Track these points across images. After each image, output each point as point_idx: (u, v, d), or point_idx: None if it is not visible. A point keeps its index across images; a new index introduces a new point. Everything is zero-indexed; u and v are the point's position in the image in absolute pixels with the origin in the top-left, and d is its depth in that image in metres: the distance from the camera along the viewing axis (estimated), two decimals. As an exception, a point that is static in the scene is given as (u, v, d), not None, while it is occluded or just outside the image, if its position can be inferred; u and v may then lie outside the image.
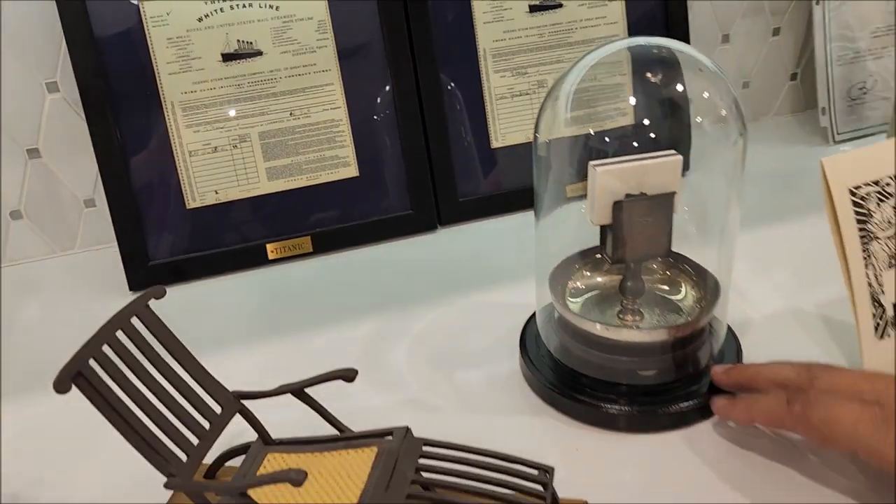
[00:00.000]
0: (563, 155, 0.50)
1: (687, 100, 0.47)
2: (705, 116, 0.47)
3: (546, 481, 0.36)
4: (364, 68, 0.69)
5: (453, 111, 0.72)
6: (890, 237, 0.45)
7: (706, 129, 0.47)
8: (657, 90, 0.46)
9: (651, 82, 0.46)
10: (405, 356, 0.55)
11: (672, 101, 0.46)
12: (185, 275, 0.67)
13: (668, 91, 0.46)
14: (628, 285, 0.49)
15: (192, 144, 0.66)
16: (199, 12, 0.64)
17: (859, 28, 0.82)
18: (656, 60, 0.47)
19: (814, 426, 0.39)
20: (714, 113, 0.47)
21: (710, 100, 0.47)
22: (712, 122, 0.47)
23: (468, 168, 0.73)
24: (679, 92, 0.46)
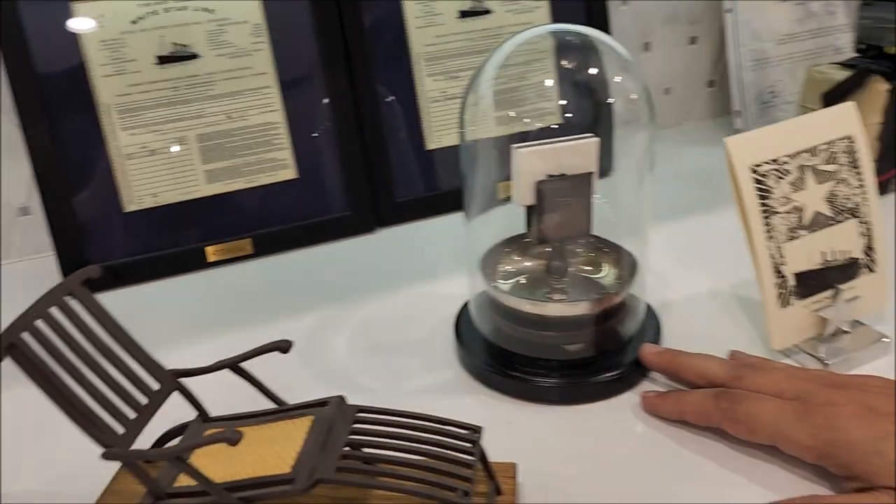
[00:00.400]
0: (489, 145, 0.52)
1: (601, 83, 0.50)
2: (618, 100, 0.50)
3: (474, 439, 0.38)
4: (300, 71, 0.70)
5: (389, 114, 0.74)
6: (788, 211, 0.49)
7: (619, 113, 0.50)
8: (573, 74, 0.49)
9: (567, 69, 0.49)
10: (344, 346, 0.57)
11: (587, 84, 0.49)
12: (123, 279, 0.67)
13: (582, 75, 0.49)
14: (554, 265, 0.51)
15: (128, 147, 0.66)
16: (132, 15, 0.65)
17: (767, 36, 0.88)
18: (574, 47, 0.50)
19: (739, 420, 0.42)
20: (626, 98, 0.50)
21: (622, 84, 0.50)
22: (624, 107, 0.50)
23: (405, 170, 0.75)
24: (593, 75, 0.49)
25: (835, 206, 0.50)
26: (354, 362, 0.55)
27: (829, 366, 0.49)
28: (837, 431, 0.38)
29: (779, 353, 0.51)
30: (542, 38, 0.51)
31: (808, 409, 0.40)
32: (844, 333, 0.51)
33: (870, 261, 0.52)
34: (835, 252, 0.51)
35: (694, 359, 0.47)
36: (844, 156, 0.50)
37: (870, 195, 0.51)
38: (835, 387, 0.41)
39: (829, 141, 0.50)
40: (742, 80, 0.87)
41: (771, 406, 0.41)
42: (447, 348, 0.55)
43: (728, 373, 0.45)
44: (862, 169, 0.51)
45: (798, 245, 0.49)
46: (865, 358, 0.50)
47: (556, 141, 0.47)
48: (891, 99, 0.68)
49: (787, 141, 0.49)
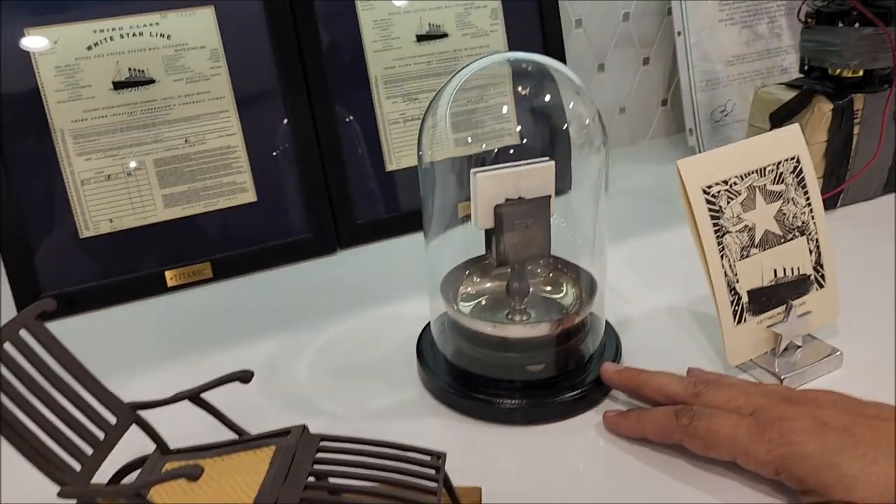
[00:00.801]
0: (447, 169, 0.53)
1: (561, 111, 0.51)
2: (572, 125, 0.51)
3: (438, 466, 0.38)
4: (258, 95, 0.70)
5: (348, 136, 0.74)
6: (740, 231, 0.50)
7: (574, 138, 0.51)
8: (528, 101, 0.50)
9: (524, 94, 0.50)
10: (306, 370, 0.57)
11: (542, 110, 0.50)
12: (79, 306, 0.66)
13: (538, 101, 0.50)
14: (514, 286, 0.52)
15: (84, 173, 0.65)
16: (88, 41, 0.64)
17: (717, 58, 0.90)
18: (529, 75, 0.51)
19: (698, 436, 0.43)
20: (580, 122, 0.51)
21: (576, 110, 0.51)
22: (578, 131, 0.51)
23: (365, 191, 0.76)
24: (551, 102, 0.50)
25: (784, 225, 0.52)
26: (316, 387, 0.54)
27: (784, 380, 0.50)
28: (792, 446, 0.39)
29: (735, 368, 0.52)
30: (499, 65, 0.52)
31: (764, 424, 0.41)
32: (797, 348, 0.52)
33: (819, 276, 0.53)
34: (785, 269, 0.52)
35: (653, 377, 0.48)
36: (791, 176, 0.52)
37: (816, 213, 0.53)
38: (789, 402, 0.42)
39: (777, 162, 0.52)
40: (694, 99, 0.90)
41: (728, 422, 0.42)
42: (410, 370, 0.55)
43: (687, 389, 0.46)
44: (808, 188, 0.53)
45: (750, 263, 0.51)
46: (818, 371, 0.51)
47: (514, 165, 0.48)
48: (834, 119, 0.71)
49: (737, 162, 0.51)
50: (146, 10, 0.66)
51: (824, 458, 0.38)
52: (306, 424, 0.40)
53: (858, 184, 0.75)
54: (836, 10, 0.70)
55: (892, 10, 0.68)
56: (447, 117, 0.50)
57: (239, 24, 0.69)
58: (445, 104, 0.50)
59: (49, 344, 0.38)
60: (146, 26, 0.66)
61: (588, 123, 0.50)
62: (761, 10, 0.92)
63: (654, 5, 0.92)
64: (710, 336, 0.57)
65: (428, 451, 0.39)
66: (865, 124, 0.72)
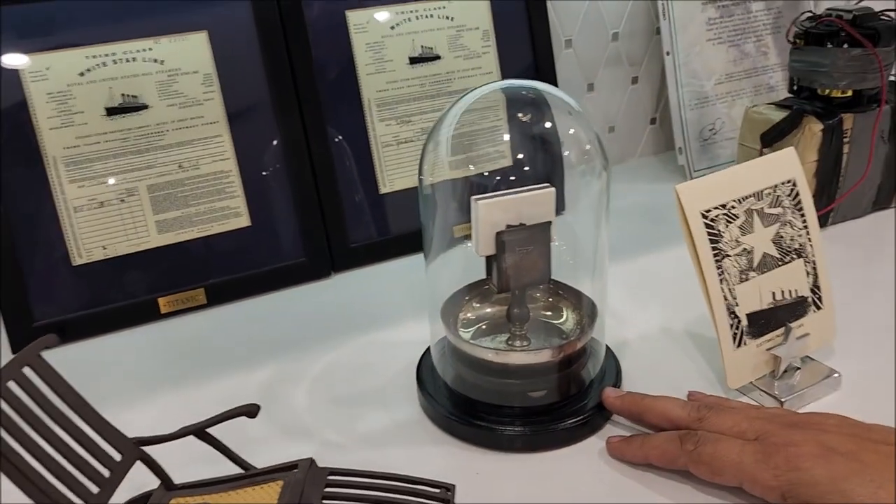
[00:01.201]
0: (447, 194, 0.53)
1: (557, 136, 0.52)
2: (572, 151, 0.51)
3: (448, 498, 0.38)
4: (252, 119, 0.70)
5: (341, 159, 0.74)
6: (738, 254, 0.51)
7: (573, 163, 0.51)
8: (528, 127, 0.50)
9: (522, 121, 0.51)
10: (305, 398, 0.56)
11: (542, 137, 0.51)
12: (73, 334, 0.65)
13: (539, 128, 0.51)
14: (514, 312, 0.52)
15: (76, 200, 0.65)
16: (80, 67, 0.64)
17: (705, 76, 0.91)
18: (527, 101, 0.52)
19: (703, 462, 0.43)
20: (580, 147, 0.51)
21: (576, 135, 0.51)
22: (579, 156, 0.51)
23: (359, 214, 0.75)
24: (548, 128, 0.51)
25: (782, 248, 0.52)
26: (316, 415, 0.54)
27: (785, 403, 0.50)
28: (799, 472, 0.39)
29: (735, 391, 0.52)
30: (499, 92, 0.52)
31: (770, 449, 0.41)
32: (796, 370, 0.53)
33: (816, 298, 0.54)
34: (783, 291, 0.52)
35: (656, 402, 0.48)
36: (788, 199, 0.53)
37: (813, 235, 0.54)
38: (793, 426, 0.43)
39: (773, 185, 0.52)
40: (683, 118, 0.90)
41: (734, 447, 0.42)
42: (410, 397, 0.55)
43: (690, 414, 0.46)
44: (805, 210, 0.53)
45: (749, 286, 0.51)
46: (818, 393, 0.52)
47: (515, 191, 0.48)
48: (824, 138, 0.71)
49: (734, 186, 0.51)
50: (139, 35, 0.66)
51: (832, 484, 0.38)
52: (313, 458, 0.40)
53: (848, 202, 0.76)
54: (825, 32, 0.71)
55: (880, 32, 0.69)
56: (448, 143, 0.50)
57: (232, 48, 0.69)
58: (447, 131, 0.50)
59: (52, 381, 0.37)
60: (139, 52, 0.66)
61: (588, 149, 0.50)
62: (748, 29, 0.93)
63: (643, 25, 0.93)
64: (709, 358, 0.57)
65: (437, 484, 0.38)
66: (855, 143, 0.73)
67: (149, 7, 0.66)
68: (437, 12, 0.76)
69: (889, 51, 0.71)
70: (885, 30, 0.69)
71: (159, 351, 0.64)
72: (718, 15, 0.91)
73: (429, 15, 0.76)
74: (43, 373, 0.37)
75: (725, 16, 0.91)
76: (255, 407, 0.40)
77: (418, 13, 0.75)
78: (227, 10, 0.68)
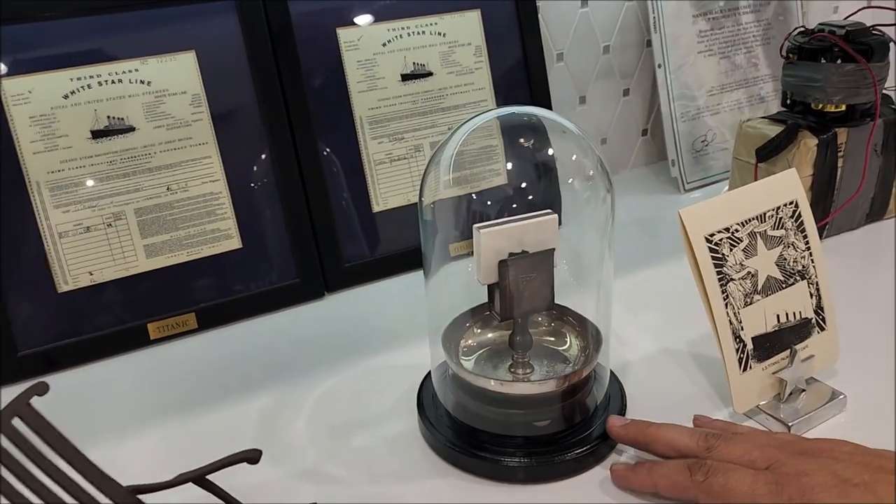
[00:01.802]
0: (448, 218, 0.52)
1: (555, 161, 0.51)
2: (576, 177, 0.50)
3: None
4: (242, 140, 0.69)
5: (334, 178, 0.73)
6: (743, 278, 0.50)
7: (577, 189, 0.50)
8: (530, 153, 0.50)
9: (525, 147, 0.50)
10: (304, 428, 0.55)
11: (543, 163, 0.50)
12: (59, 364, 0.63)
13: (540, 154, 0.50)
14: (517, 339, 0.51)
15: (61, 225, 0.63)
16: (64, 89, 0.62)
17: (697, 88, 0.91)
18: (527, 127, 0.51)
19: (715, 493, 0.42)
20: (583, 173, 0.51)
21: (578, 161, 0.50)
22: (582, 181, 0.51)
23: (352, 233, 0.74)
24: (549, 155, 0.50)
25: (785, 270, 0.52)
26: (316, 448, 0.53)
27: (792, 427, 0.50)
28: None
29: (742, 415, 0.52)
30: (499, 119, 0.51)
31: (783, 480, 0.40)
32: (801, 392, 0.52)
33: (820, 319, 0.53)
34: (788, 314, 0.52)
35: (661, 431, 0.47)
36: (790, 220, 0.52)
37: (816, 256, 0.53)
38: (805, 455, 0.42)
39: (776, 207, 0.52)
40: (675, 130, 0.90)
41: (745, 478, 0.41)
42: (411, 426, 0.54)
43: (698, 444, 0.45)
44: (807, 231, 0.53)
45: (753, 310, 0.51)
46: (824, 416, 0.51)
47: (517, 219, 0.47)
48: (819, 153, 0.71)
49: (737, 209, 0.50)
50: (125, 56, 0.64)
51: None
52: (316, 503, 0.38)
53: (843, 215, 0.76)
54: (818, 47, 0.71)
55: (873, 47, 0.69)
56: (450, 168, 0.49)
57: (221, 68, 0.67)
58: (449, 156, 0.49)
59: (43, 431, 0.36)
60: (125, 73, 0.64)
61: (592, 174, 0.50)
62: (738, 41, 0.93)
63: (634, 38, 0.92)
64: (712, 379, 0.56)
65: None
66: (849, 157, 0.73)
67: (135, 27, 0.64)
68: (429, 28, 0.75)
69: (882, 66, 0.71)
70: (877, 45, 0.69)
71: (150, 379, 0.62)
72: (709, 27, 0.91)
73: (420, 31, 0.75)
74: (33, 423, 0.35)
75: (716, 28, 0.91)
76: (256, 453, 0.38)
77: (410, 29, 0.74)
78: (215, 30, 0.67)
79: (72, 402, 0.59)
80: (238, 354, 0.65)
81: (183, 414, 0.57)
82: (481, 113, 0.50)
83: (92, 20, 0.63)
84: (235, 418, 0.56)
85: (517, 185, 0.50)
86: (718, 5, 0.91)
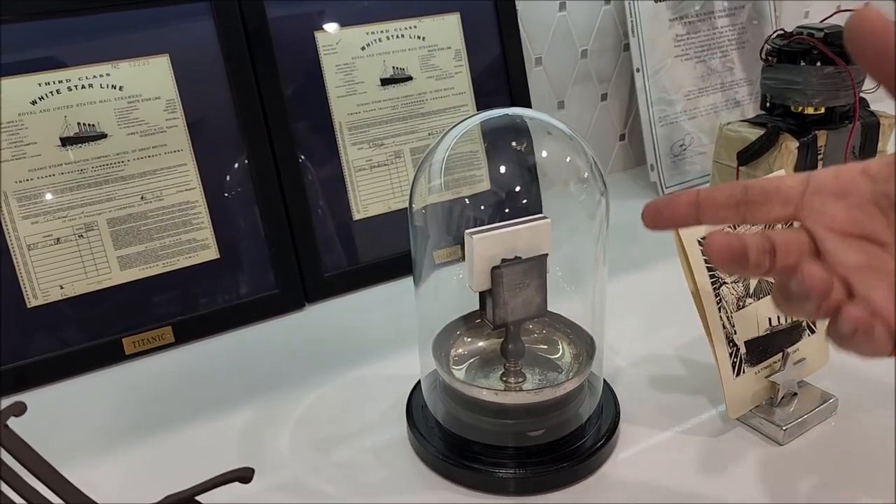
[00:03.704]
0: (438, 223, 0.51)
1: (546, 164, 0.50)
2: (571, 180, 0.50)
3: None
4: (218, 147, 0.67)
5: (313, 186, 0.71)
6: (735, 281, 0.50)
7: (572, 192, 0.49)
8: (523, 157, 0.49)
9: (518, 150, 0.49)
10: (288, 442, 0.53)
11: (532, 166, 0.49)
12: (30, 381, 0.60)
13: (531, 158, 0.49)
14: (509, 348, 0.50)
15: (30, 237, 0.60)
16: (32, 95, 0.60)
17: (674, 92, 0.91)
18: (517, 129, 0.50)
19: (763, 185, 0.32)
20: (578, 175, 0.50)
21: (573, 163, 0.50)
22: (577, 184, 0.50)
23: (332, 242, 0.72)
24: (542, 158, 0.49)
25: (776, 272, 0.52)
26: (302, 462, 0.51)
27: (786, 430, 0.49)
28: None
29: (735, 420, 0.51)
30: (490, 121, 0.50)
31: None
32: (794, 395, 0.52)
33: (810, 321, 0.53)
34: (779, 317, 0.52)
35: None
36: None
37: (805, 259, 0.53)
38: None
39: (766, 209, 0.51)
40: (654, 135, 0.90)
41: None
42: (400, 436, 0.52)
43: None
44: (796, 234, 0.53)
45: (746, 313, 0.50)
46: (817, 419, 0.51)
47: (510, 224, 0.46)
48: (800, 155, 0.72)
49: (729, 212, 0.50)
50: (95, 60, 0.62)
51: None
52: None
53: (822, 217, 0.76)
54: (797, 50, 0.71)
55: (851, 50, 0.70)
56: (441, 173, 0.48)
57: (196, 72, 0.65)
58: (440, 161, 0.48)
59: (21, 454, 0.34)
60: (96, 77, 0.62)
61: (587, 177, 0.49)
62: (714, 45, 0.94)
63: (611, 41, 0.92)
64: (703, 384, 0.56)
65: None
66: (828, 159, 0.73)
67: (106, 30, 0.62)
68: (408, 32, 0.74)
69: (860, 68, 0.71)
70: (856, 47, 0.70)
71: (126, 396, 0.60)
72: (685, 32, 0.91)
73: (400, 35, 0.74)
74: (11, 446, 0.33)
75: (692, 32, 0.91)
76: (249, 471, 0.37)
77: (389, 33, 0.73)
78: (189, 33, 0.65)
79: (44, 421, 0.56)
80: (217, 368, 0.63)
81: (161, 431, 0.55)
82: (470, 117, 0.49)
83: (60, 22, 0.61)
84: (217, 434, 0.54)
85: (510, 189, 0.49)
86: (694, 9, 0.91)
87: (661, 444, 0.51)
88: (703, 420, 0.52)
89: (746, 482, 0.47)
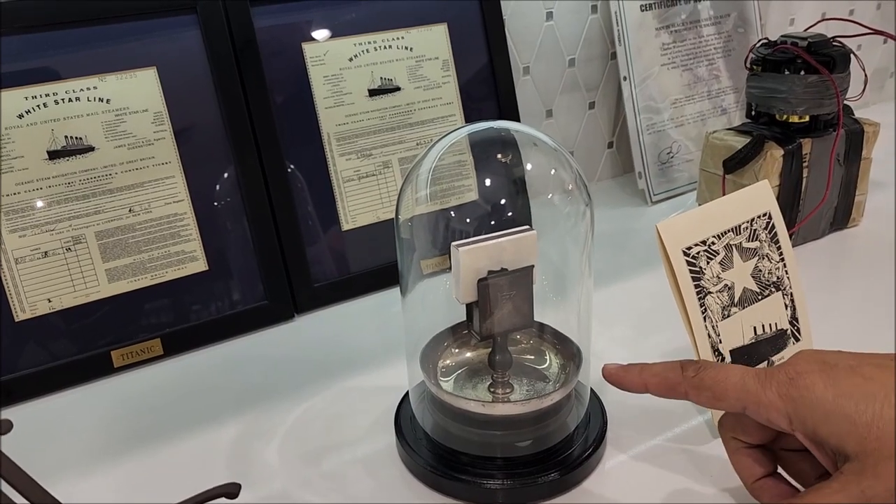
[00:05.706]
0: (425, 235, 0.51)
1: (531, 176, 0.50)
2: (555, 192, 0.50)
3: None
4: (206, 158, 0.67)
5: (301, 197, 0.71)
6: (720, 290, 0.50)
7: (556, 204, 0.50)
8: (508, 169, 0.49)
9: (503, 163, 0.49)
10: (277, 455, 0.53)
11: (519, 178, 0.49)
12: (17, 395, 0.60)
13: (518, 170, 0.49)
14: (497, 359, 0.50)
15: (18, 251, 0.60)
16: (18, 108, 0.60)
17: (661, 100, 0.92)
18: (502, 142, 0.50)
19: (706, 386, 0.40)
20: (563, 187, 0.50)
21: (558, 175, 0.50)
22: (562, 195, 0.50)
23: (321, 253, 0.73)
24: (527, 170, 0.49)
25: (760, 281, 0.52)
26: (291, 475, 0.51)
27: (771, 439, 0.50)
28: (802, 389, 0.38)
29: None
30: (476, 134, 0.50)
31: (772, 371, 0.39)
32: (779, 404, 0.52)
33: (795, 330, 0.54)
34: (764, 325, 0.52)
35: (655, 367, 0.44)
36: (764, 232, 0.52)
37: (790, 267, 0.53)
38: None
39: (750, 219, 0.52)
40: (641, 143, 0.91)
41: (737, 371, 0.40)
42: (389, 448, 0.53)
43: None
44: (781, 243, 0.53)
45: (731, 322, 0.50)
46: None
47: (496, 236, 0.46)
48: (785, 163, 0.72)
49: (713, 222, 0.50)
50: (83, 73, 0.62)
51: (834, 403, 0.36)
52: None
53: (808, 225, 0.77)
54: (782, 58, 0.72)
55: (835, 59, 0.70)
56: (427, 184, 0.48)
57: (184, 85, 0.65)
58: (426, 173, 0.48)
59: (10, 476, 0.33)
60: (83, 91, 0.62)
61: (571, 189, 0.49)
62: (700, 53, 0.94)
63: (598, 50, 0.93)
64: (691, 393, 0.56)
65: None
66: (813, 167, 0.74)
67: (93, 43, 0.62)
68: (396, 42, 0.74)
69: (843, 76, 0.72)
70: (839, 57, 0.71)
71: (115, 409, 0.60)
72: (672, 40, 0.92)
73: (387, 45, 0.74)
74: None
75: (678, 41, 0.92)
76: (235, 487, 0.37)
77: (376, 44, 0.73)
78: (176, 45, 0.65)
79: (32, 436, 0.56)
80: (207, 381, 0.63)
81: (150, 445, 0.55)
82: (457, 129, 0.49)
83: (46, 36, 0.61)
84: (205, 448, 0.54)
85: (495, 201, 0.49)
86: (680, 18, 0.92)
87: (648, 452, 0.51)
88: (690, 428, 0.52)
89: (734, 490, 0.47)
